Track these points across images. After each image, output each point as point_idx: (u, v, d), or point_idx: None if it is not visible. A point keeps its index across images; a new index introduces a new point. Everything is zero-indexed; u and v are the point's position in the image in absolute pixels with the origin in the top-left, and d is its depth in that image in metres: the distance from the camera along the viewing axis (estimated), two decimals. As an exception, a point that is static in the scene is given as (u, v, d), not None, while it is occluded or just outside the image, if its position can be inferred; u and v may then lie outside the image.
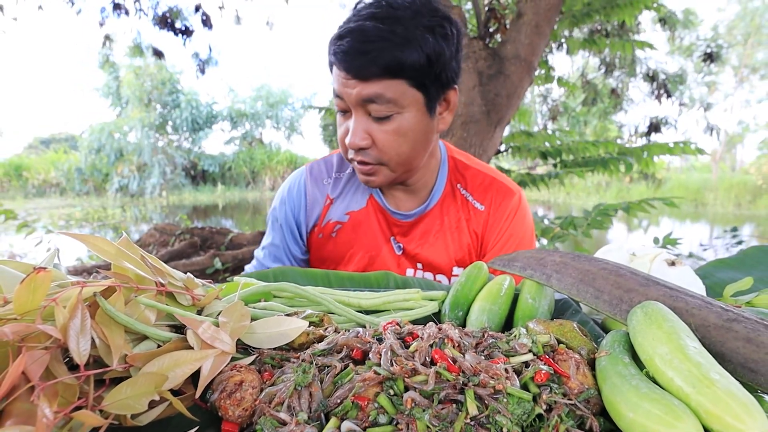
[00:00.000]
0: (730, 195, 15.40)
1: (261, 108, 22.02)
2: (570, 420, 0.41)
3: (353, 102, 0.94)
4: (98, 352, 0.41)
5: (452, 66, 0.96)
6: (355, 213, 1.14)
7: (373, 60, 0.88)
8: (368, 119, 0.95)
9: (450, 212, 1.13)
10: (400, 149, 0.97)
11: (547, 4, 2.65)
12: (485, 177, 1.15)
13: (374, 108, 0.93)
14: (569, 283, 0.62)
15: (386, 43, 0.88)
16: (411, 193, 1.13)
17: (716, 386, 0.36)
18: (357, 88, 0.91)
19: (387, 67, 0.89)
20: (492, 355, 0.47)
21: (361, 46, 0.88)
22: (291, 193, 1.18)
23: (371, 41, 0.88)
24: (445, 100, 1.01)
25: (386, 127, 0.95)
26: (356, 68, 0.89)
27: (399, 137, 0.96)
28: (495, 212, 1.12)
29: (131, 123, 19.11)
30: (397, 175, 1.02)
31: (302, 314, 0.56)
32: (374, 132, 0.95)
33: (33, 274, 0.38)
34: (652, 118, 7.47)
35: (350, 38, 0.89)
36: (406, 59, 0.88)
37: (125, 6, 4.55)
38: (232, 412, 0.41)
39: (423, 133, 0.98)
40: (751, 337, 0.43)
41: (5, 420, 0.34)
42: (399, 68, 0.89)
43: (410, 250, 1.12)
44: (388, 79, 0.90)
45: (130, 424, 0.39)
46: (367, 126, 0.95)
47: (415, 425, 0.39)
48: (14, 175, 20.31)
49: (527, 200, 1.19)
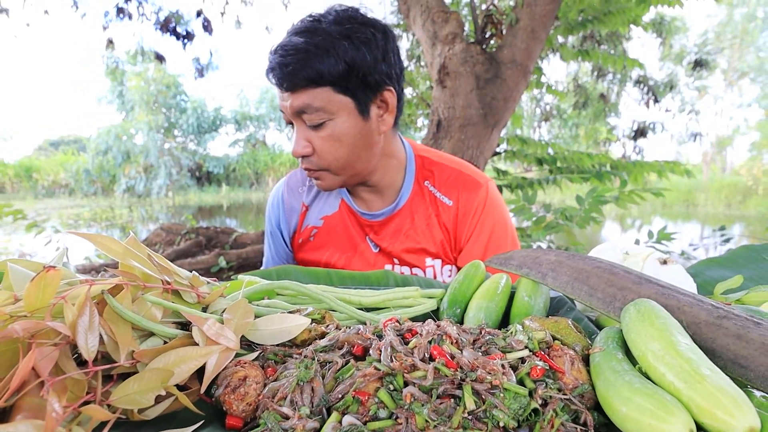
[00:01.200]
0: (721, 196, 15.40)
1: (264, 110, 22.02)
2: (565, 414, 0.41)
3: (289, 113, 0.97)
4: (106, 349, 0.41)
5: (380, 68, 0.97)
6: (329, 217, 1.17)
7: (295, 72, 0.92)
8: (306, 128, 0.98)
9: (419, 210, 1.13)
10: (337, 153, 0.99)
11: (542, 10, 2.65)
12: (452, 171, 1.15)
13: (307, 117, 0.96)
14: (564, 281, 0.62)
15: (305, 54, 0.91)
16: (377, 193, 1.14)
17: (707, 381, 0.36)
18: (289, 100, 0.95)
19: (308, 78, 0.92)
20: (489, 352, 0.47)
21: (284, 60, 0.92)
22: (273, 205, 1.24)
23: (292, 54, 0.92)
24: (381, 101, 1.02)
25: (322, 133, 0.97)
26: (284, 81, 0.93)
27: (335, 142, 0.98)
28: (464, 206, 1.11)
29: (138, 126, 19.10)
30: (343, 177, 1.04)
31: (304, 312, 0.56)
32: (313, 139, 0.98)
33: (43, 273, 0.38)
34: (639, 123, 7.48)
35: (277, 54, 0.94)
36: (324, 68, 0.91)
37: (128, 10, 4.55)
38: (236, 406, 0.41)
39: (360, 136, 1.00)
40: (741, 334, 0.43)
41: (16, 414, 0.34)
42: (319, 77, 0.92)
43: (385, 247, 1.13)
44: (312, 89, 0.93)
45: (137, 419, 0.39)
46: (307, 134, 0.98)
47: (414, 419, 0.39)
48: (24, 176, 20.31)
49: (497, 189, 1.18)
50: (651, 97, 6.85)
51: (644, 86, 6.79)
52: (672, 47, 8.84)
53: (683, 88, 13.88)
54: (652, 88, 6.75)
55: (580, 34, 3.55)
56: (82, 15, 4.88)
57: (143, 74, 18.46)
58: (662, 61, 11.14)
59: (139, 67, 17.54)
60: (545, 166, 3.33)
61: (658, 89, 6.85)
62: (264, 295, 0.62)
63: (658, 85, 6.85)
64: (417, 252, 1.12)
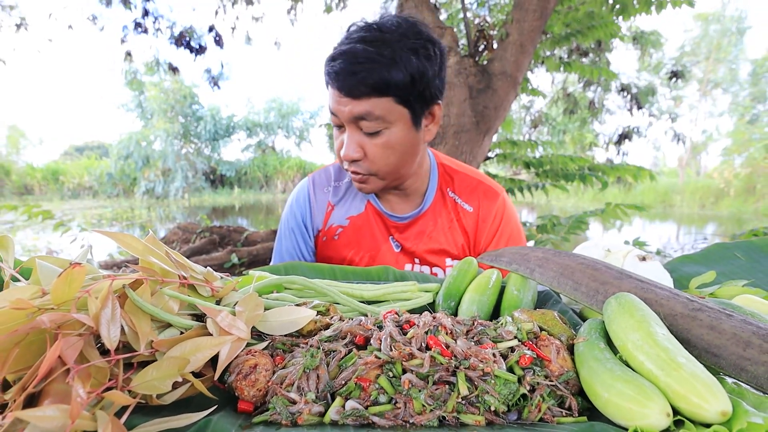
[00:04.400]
0: (695, 197, 15.39)
1: (273, 118, 22.02)
2: (551, 399, 0.41)
3: (346, 119, 0.93)
4: (127, 339, 0.41)
5: (435, 83, 0.96)
6: (355, 217, 1.15)
7: (362, 80, 0.88)
8: (360, 134, 0.94)
9: (442, 214, 1.13)
10: (388, 160, 0.97)
11: (530, 26, 2.65)
12: (472, 180, 1.15)
13: (365, 124, 0.92)
14: (551, 277, 0.62)
15: (374, 64, 0.87)
16: (404, 197, 1.12)
17: (682, 369, 0.36)
18: (349, 106, 0.91)
19: (375, 87, 0.88)
20: (481, 341, 0.47)
21: (352, 67, 0.88)
22: (298, 201, 1.20)
23: (360, 62, 0.88)
24: (430, 114, 1.00)
25: (376, 141, 0.94)
26: (347, 87, 0.89)
27: (388, 150, 0.95)
28: (484, 213, 1.12)
29: (156, 133, 19.09)
30: (387, 182, 1.03)
31: (310, 304, 0.56)
32: (366, 145, 0.95)
33: (69, 269, 0.38)
34: (624, 128, 7.48)
35: (342, 60, 0.89)
36: (392, 79, 0.88)
37: (145, 25, 4.54)
38: (247, 392, 0.41)
39: (410, 145, 0.98)
40: (714, 325, 0.43)
41: (44, 399, 0.34)
42: (386, 87, 0.89)
43: (408, 247, 1.12)
44: (376, 98, 0.90)
45: (156, 403, 0.39)
46: (360, 140, 0.95)
47: (412, 404, 0.39)
48: (51, 179, 20.30)
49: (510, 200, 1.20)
50: (634, 103, 6.85)
51: (627, 93, 6.79)
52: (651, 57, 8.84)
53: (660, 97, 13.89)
54: (635, 96, 6.75)
55: (565, 47, 3.56)
56: (101, 28, 4.87)
57: (161, 84, 18.45)
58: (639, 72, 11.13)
59: (156, 78, 17.53)
60: (533, 169, 3.35)
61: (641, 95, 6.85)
62: (273, 289, 0.62)
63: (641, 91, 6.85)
64: (438, 253, 1.12)
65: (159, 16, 4.56)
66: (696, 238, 3.71)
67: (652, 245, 3.32)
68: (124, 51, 4.96)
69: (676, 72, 7.79)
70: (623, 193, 14.74)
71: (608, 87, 6.83)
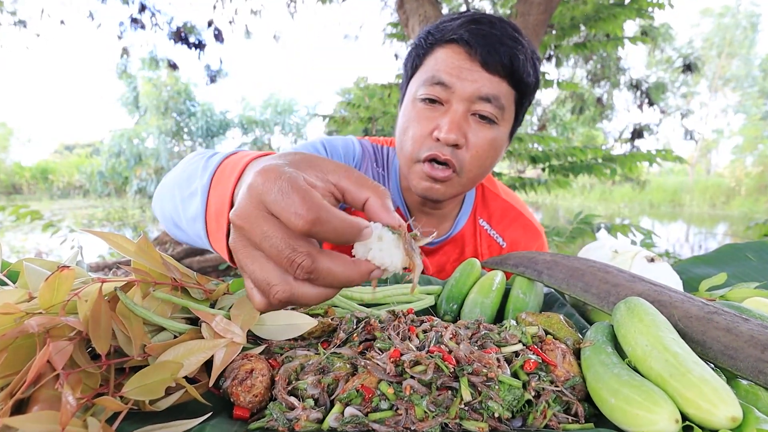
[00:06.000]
0: (705, 196, 15.40)
1: (270, 116, 22.02)
2: (557, 405, 0.41)
3: (465, 95, 0.77)
4: (118, 343, 0.41)
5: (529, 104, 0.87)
6: None
7: (511, 55, 0.75)
8: (468, 120, 0.79)
9: (470, 244, 1.01)
10: (484, 162, 0.82)
11: (535, 20, 2.65)
12: (511, 209, 1.02)
13: (484, 108, 0.78)
14: (560, 279, 0.62)
15: (518, 46, 0.77)
16: (435, 219, 0.98)
17: (691, 374, 0.36)
18: (479, 82, 0.76)
19: (515, 70, 0.77)
20: (485, 346, 0.47)
21: (501, 38, 0.75)
22: (346, 148, 0.97)
23: (509, 37, 0.76)
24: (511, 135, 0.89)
25: (485, 133, 0.80)
26: (490, 56, 0.75)
27: (489, 149, 0.81)
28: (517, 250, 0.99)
29: (149, 130, 19.09)
30: (461, 191, 0.87)
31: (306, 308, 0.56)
32: (470, 134, 0.79)
33: (57, 272, 0.38)
34: (635, 125, 7.51)
35: (489, 26, 0.76)
36: (528, 71, 0.79)
37: (142, 21, 4.55)
38: (243, 398, 0.41)
39: (497, 155, 0.85)
40: (730, 328, 0.43)
41: (32, 406, 0.34)
42: (520, 76, 0.78)
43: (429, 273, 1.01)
44: (507, 84, 0.78)
45: (149, 410, 0.39)
46: (467, 126, 0.79)
47: (413, 410, 0.39)
48: (41, 178, 20.31)
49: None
50: (645, 100, 6.87)
51: (637, 90, 6.81)
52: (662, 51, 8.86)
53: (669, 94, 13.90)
54: (646, 91, 6.77)
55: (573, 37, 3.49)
56: (98, 25, 4.89)
57: (155, 81, 18.47)
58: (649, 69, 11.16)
59: (150, 73, 17.54)
60: (539, 164, 3.30)
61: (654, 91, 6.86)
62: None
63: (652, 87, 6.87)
64: None
65: (156, 11, 4.57)
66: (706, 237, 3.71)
67: (661, 246, 3.32)
68: (121, 48, 4.97)
69: (689, 65, 7.80)
70: (636, 192, 14.71)
71: (617, 83, 6.84)
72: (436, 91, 0.79)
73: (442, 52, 0.80)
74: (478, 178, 0.86)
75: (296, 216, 0.32)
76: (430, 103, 0.81)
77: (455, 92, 0.78)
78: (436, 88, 0.79)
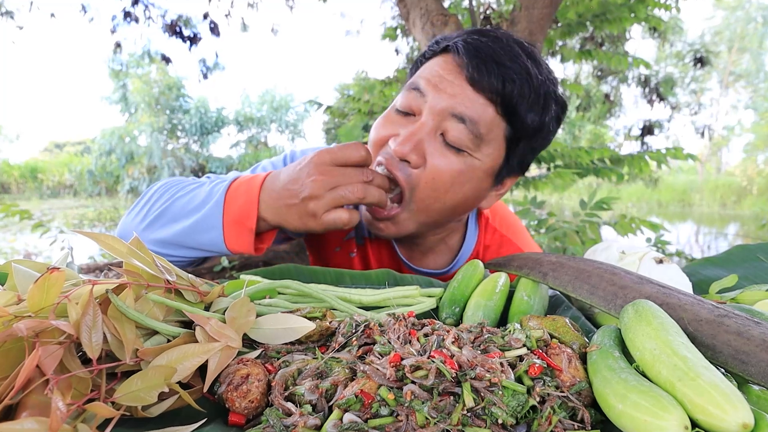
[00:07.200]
0: (716, 196, 15.40)
1: (266, 112, 22.03)
2: (562, 411, 0.41)
3: (437, 108, 0.72)
4: (110, 347, 0.41)
5: (536, 153, 0.82)
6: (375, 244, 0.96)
7: (505, 78, 0.70)
8: (434, 139, 0.73)
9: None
10: (444, 195, 0.74)
11: (540, 13, 2.65)
12: (507, 243, 0.97)
13: (454, 129, 0.71)
14: (565, 281, 0.62)
15: (524, 75, 0.70)
16: (429, 252, 0.94)
17: (701, 378, 0.36)
18: (457, 97, 0.71)
19: (508, 99, 0.70)
20: (488, 350, 0.47)
21: (499, 56, 0.70)
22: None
23: (512, 59, 0.70)
24: (507, 179, 0.84)
25: (451, 159, 0.72)
26: (482, 73, 0.69)
27: (452, 180, 0.73)
28: None
29: (141, 127, 19.10)
30: (412, 229, 0.79)
31: (303, 310, 0.56)
32: (432, 155, 0.72)
33: (46, 274, 0.38)
34: (645, 121, 7.51)
35: (490, 41, 0.72)
36: (527, 107, 0.72)
37: (135, 14, 4.56)
38: (238, 403, 0.41)
39: (474, 196, 0.78)
40: (741, 331, 0.43)
41: (21, 411, 0.34)
42: (515, 108, 0.72)
43: None
44: (494, 109, 0.72)
45: (141, 416, 0.39)
46: (430, 145, 0.72)
47: (414, 417, 0.39)
48: (30, 177, 20.33)
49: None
50: (655, 95, 6.87)
51: (647, 86, 6.81)
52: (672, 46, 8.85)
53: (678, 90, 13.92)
54: (656, 87, 6.77)
55: (580, 35, 3.50)
56: (90, 19, 4.89)
57: (145, 76, 18.47)
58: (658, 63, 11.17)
59: (141, 69, 17.55)
60: (543, 165, 3.31)
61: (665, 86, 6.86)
62: (266, 294, 0.62)
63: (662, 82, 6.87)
64: None
65: (150, 3, 4.57)
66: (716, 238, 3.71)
67: (672, 246, 3.32)
68: (114, 42, 4.97)
69: (701, 58, 7.80)
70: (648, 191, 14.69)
71: (625, 79, 6.84)
72: (411, 98, 0.75)
73: (435, 60, 0.76)
74: (436, 214, 0.77)
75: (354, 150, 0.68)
76: (404, 115, 0.77)
77: (427, 102, 0.73)
78: (412, 93, 0.75)
